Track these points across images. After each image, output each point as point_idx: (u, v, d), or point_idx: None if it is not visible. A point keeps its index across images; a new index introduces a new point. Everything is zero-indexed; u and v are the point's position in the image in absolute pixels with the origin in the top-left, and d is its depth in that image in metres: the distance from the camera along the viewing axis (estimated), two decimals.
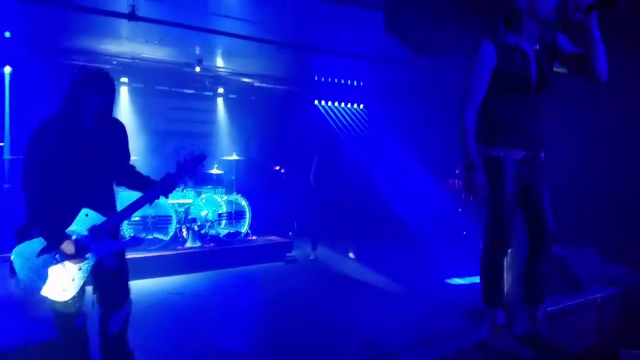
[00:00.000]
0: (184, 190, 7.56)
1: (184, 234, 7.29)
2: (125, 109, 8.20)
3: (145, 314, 4.34)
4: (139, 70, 8.12)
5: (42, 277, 2.49)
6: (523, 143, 2.79)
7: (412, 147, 10.14)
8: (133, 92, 8.36)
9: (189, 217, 7.34)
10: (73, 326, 2.62)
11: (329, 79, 9.94)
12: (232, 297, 5.52)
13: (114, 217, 2.67)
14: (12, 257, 2.51)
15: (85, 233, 2.55)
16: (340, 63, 8.46)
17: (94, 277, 2.65)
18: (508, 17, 2.77)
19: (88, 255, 2.56)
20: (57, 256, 2.50)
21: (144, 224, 6.77)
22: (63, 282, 2.51)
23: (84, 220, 2.56)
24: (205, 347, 3.96)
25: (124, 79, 8.14)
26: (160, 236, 6.84)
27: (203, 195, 7.67)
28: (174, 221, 6.95)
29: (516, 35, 2.75)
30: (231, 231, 7.61)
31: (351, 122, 10.84)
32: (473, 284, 5.47)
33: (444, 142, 8.83)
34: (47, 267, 2.50)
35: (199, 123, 9.39)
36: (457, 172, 9.63)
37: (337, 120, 10.67)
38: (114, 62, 7.88)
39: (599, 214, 5.26)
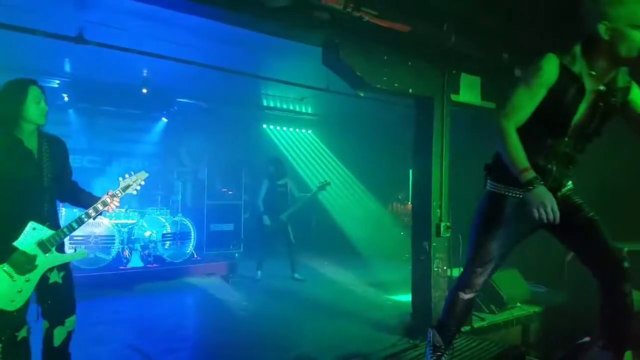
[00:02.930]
0: (127, 211, 7.53)
1: (127, 254, 7.25)
2: (70, 128, 8.15)
3: (88, 333, 4.35)
4: (84, 91, 8.06)
5: None
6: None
7: (358, 173, 10.56)
8: (78, 112, 8.32)
9: (132, 237, 7.32)
10: (16, 339, 2.67)
11: (278, 104, 10.20)
12: (175, 317, 5.56)
13: (61, 231, 2.76)
14: None
15: (33, 245, 2.64)
16: (287, 90, 8.72)
17: (40, 289, 2.72)
18: (585, 41, 2.30)
19: (36, 266, 2.64)
20: (5, 267, 2.57)
21: (87, 243, 6.70)
22: (11, 293, 2.58)
23: (32, 234, 2.64)
24: None
25: (68, 99, 8.08)
26: (103, 256, 6.78)
27: (147, 216, 7.66)
28: (117, 241, 6.92)
29: (585, 65, 2.29)
30: (175, 252, 7.62)
31: (299, 146, 11.15)
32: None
33: (389, 169, 9.33)
34: None
35: (145, 144, 9.41)
36: (399, 197, 10.08)
37: (285, 144, 10.94)
38: (59, 82, 7.84)
39: None
